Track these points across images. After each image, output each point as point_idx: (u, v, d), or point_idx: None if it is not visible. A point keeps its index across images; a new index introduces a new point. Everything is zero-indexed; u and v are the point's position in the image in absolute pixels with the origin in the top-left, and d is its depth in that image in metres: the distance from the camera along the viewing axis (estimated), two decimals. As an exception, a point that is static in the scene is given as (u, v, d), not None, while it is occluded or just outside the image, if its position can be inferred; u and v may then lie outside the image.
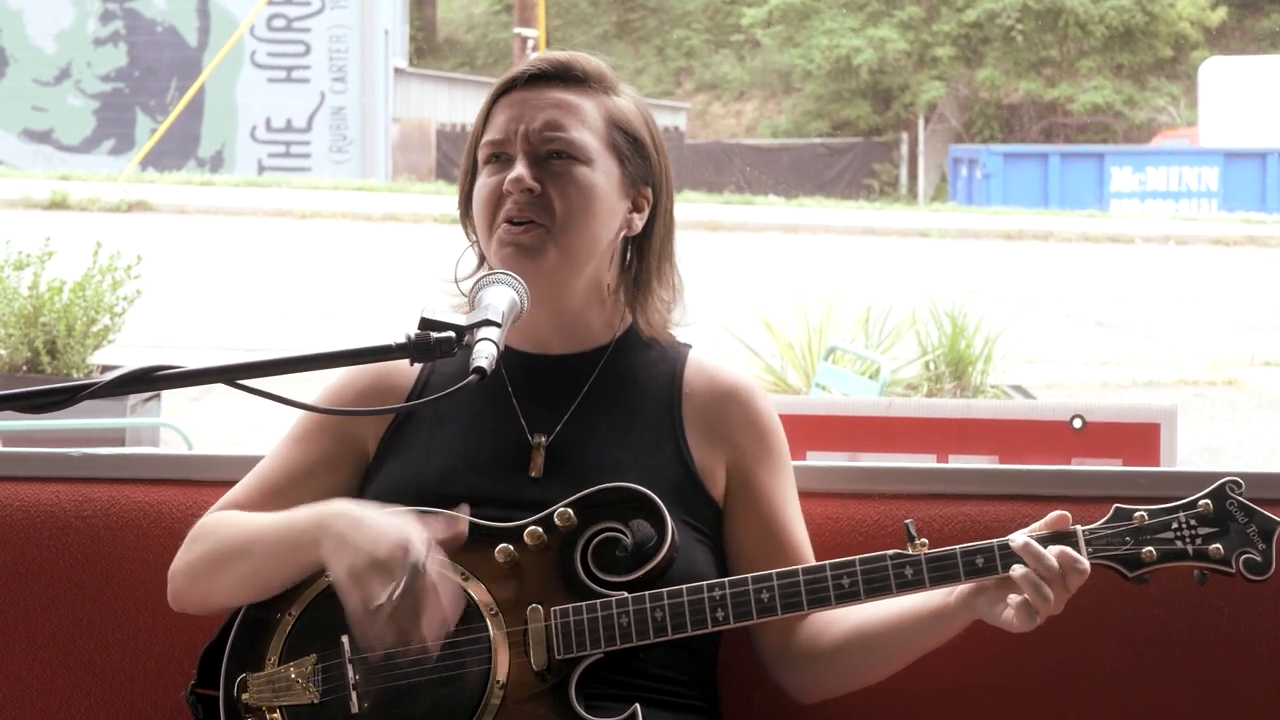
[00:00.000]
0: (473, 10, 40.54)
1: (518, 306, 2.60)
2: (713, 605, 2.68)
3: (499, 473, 2.79)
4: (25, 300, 8.47)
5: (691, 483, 2.83)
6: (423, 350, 2.45)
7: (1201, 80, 32.41)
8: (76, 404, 2.35)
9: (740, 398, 2.90)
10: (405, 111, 33.23)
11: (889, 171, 34.88)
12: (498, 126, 2.85)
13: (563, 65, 2.87)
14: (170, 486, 3.18)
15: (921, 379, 9.49)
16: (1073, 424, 3.70)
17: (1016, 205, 28.09)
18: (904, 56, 36.28)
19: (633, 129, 2.87)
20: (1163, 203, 29.24)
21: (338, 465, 2.89)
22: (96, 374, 8.54)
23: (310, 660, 2.72)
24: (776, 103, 38.02)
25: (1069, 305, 17.70)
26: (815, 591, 2.69)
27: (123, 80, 31.30)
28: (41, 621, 3.13)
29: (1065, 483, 3.11)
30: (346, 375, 2.93)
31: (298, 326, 15.56)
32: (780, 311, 9.84)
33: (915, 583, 2.69)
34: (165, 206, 23.79)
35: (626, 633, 2.66)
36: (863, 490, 3.11)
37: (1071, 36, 35.70)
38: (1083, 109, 35.51)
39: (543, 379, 2.87)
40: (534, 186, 2.79)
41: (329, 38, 31.75)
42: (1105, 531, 2.71)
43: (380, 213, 24.16)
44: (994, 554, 2.69)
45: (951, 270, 19.81)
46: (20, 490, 3.19)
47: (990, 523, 3.03)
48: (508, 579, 2.70)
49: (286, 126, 31.69)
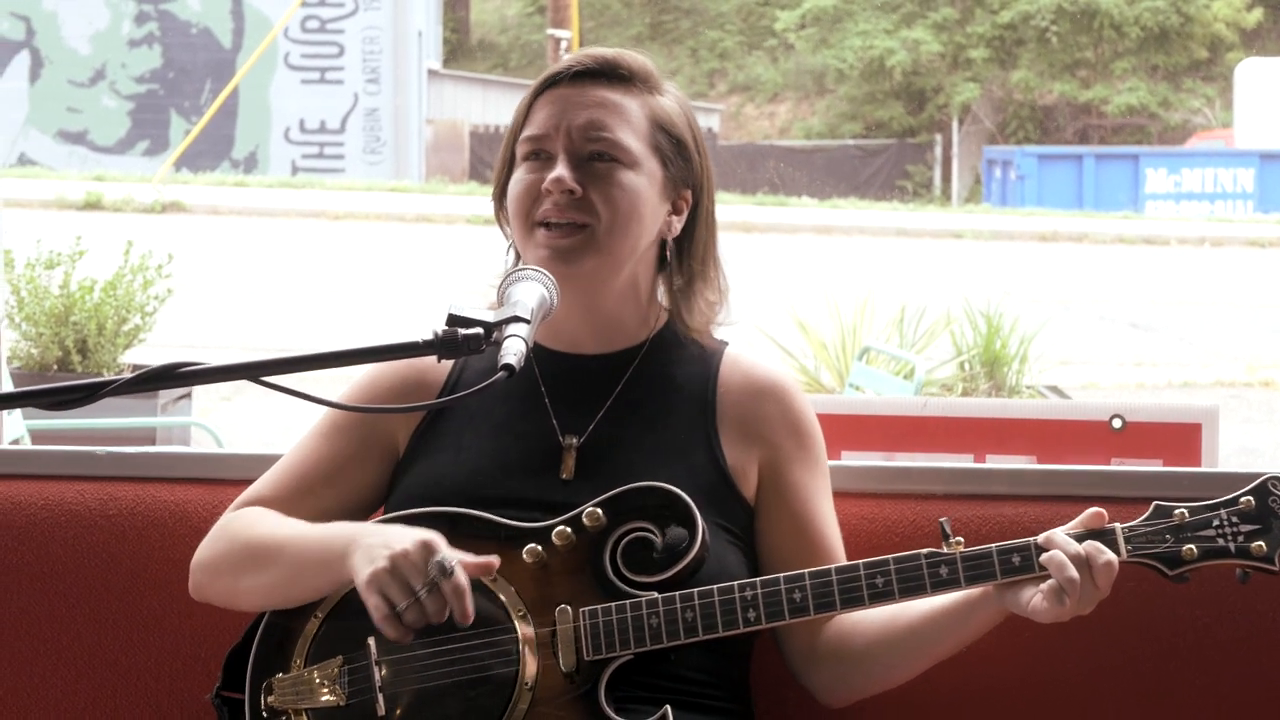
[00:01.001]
0: (506, 12, 40.57)
1: (547, 303, 2.56)
2: (744, 605, 2.63)
3: (529, 474, 2.75)
4: (56, 299, 8.46)
5: (724, 484, 2.78)
6: (450, 347, 2.41)
7: (1237, 81, 32.27)
8: (98, 400, 2.31)
9: (777, 395, 2.85)
10: (439, 113, 33.25)
11: (923, 173, 34.81)
12: (538, 122, 2.79)
13: (608, 63, 2.82)
14: (196, 486, 3.15)
15: (956, 379, 9.42)
16: (1112, 424, 3.65)
17: (1051, 207, 27.99)
18: (938, 58, 36.20)
19: (676, 130, 2.83)
20: (1198, 204, 29.12)
21: (367, 460, 2.84)
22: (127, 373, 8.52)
23: (336, 662, 2.68)
24: (810, 104, 37.98)
25: (1104, 307, 17.61)
26: (849, 591, 2.64)
27: (157, 81, 31.36)
28: (66, 622, 3.10)
29: (1105, 483, 3.06)
30: (377, 370, 2.88)
31: (330, 327, 15.55)
32: (814, 312, 9.78)
33: (950, 582, 2.64)
34: (199, 207, 23.82)
35: (657, 633, 2.62)
36: (898, 490, 3.06)
37: (1106, 38, 35.59)
38: (1117, 110, 35.40)
39: (576, 379, 2.82)
40: (575, 189, 2.74)
41: (362, 39, 31.77)
42: (1145, 529, 2.66)
43: (413, 214, 24.17)
44: (1030, 552, 2.64)
45: (986, 271, 19.74)
46: (45, 489, 3.15)
47: (1028, 523, 2.98)
48: (536, 580, 2.66)
49: (320, 128, 31.73)
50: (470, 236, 22.12)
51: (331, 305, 16.81)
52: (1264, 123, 30.92)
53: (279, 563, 2.71)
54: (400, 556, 2.54)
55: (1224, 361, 14.60)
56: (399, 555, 2.54)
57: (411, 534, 2.57)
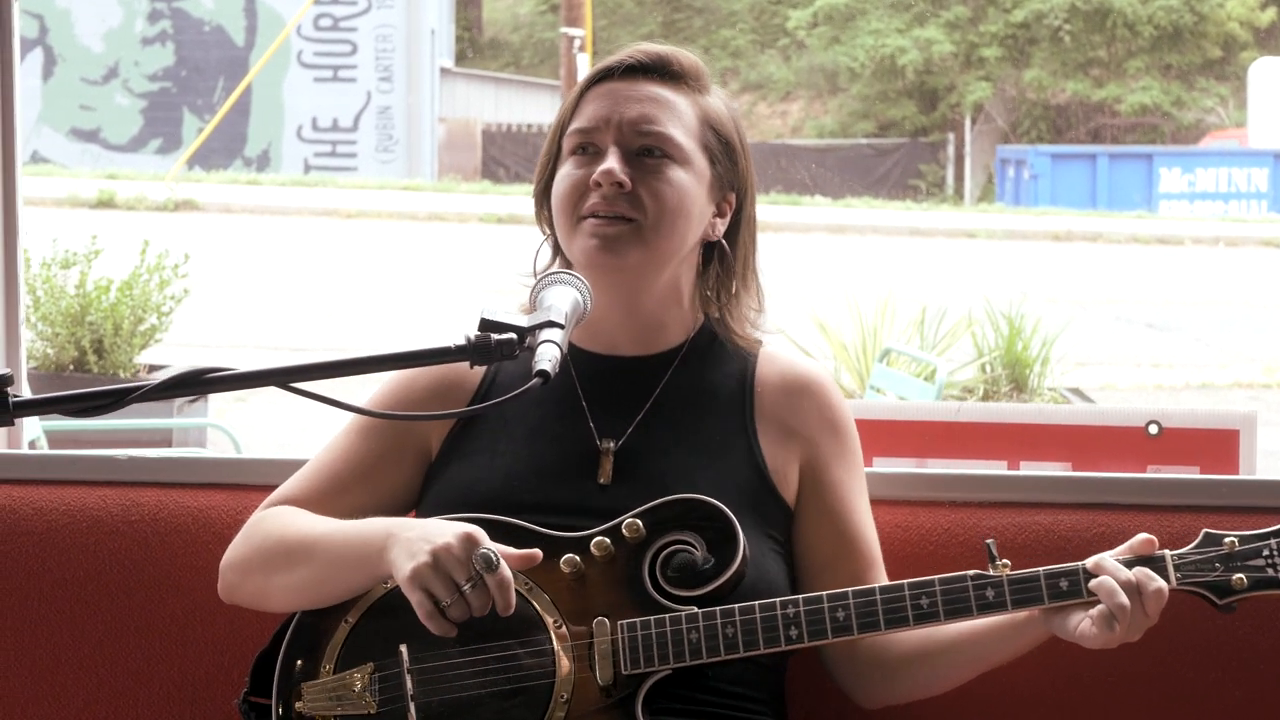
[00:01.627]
0: (518, 10, 40.52)
1: (580, 307, 2.51)
2: (786, 623, 2.59)
3: (566, 479, 2.70)
4: (72, 299, 8.41)
5: (764, 487, 2.74)
6: (483, 353, 2.37)
7: (1251, 81, 32.17)
8: (124, 407, 2.27)
9: (814, 391, 2.82)
10: (451, 111, 33.21)
11: (935, 172, 34.74)
12: (587, 115, 2.76)
13: (661, 59, 2.79)
14: (220, 491, 3.11)
15: (978, 381, 9.33)
16: (1148, 430, 3.59)
17: (1064, 206, 27.92)
18: (950, 57, 36.12)
19: (725, 131, 2.80)
20: (1212, 204, 29.02)
21: (400, 461, 2.80)
22: (144, 374, 8.50)
23: (367, 669, 2.63)
24: (822, 103, 37.91)
25: (1120, 307, 17.55)
26: (893, 611, 2.60)
27: (170, 79, 31.34)
28: (88, 630, 3.06)
29: (1144, 491, 3.01)
30: (411, 372, 2.83)
31: (343, 326, 15.52)
32: (832, 312, 9.70)
33: (996, 605, 2.60)
34: (211, 206, 23.79)
35: (696, 649, 2.57)
36: (932, 498, 3.02)
37: (1119, 37, 35.49)
38: (1130, 109, 35.30)
39: (613, 382, 2.78)
40: (625, 181, 2.70)
41: (375, 37, 31.75)
42: (1194, 557, 2.61)
43: (426, 212, 24.13)
44: (1078, 577, 2.60)
45: (1000, 271, 19.67)
46: (66, 494, 3.12)
47: (1065, 532, 2.94)
48: (573, 590, 2.61)
49: (333, 126, 31.70)
50: (483, 235, 22.11)
51: (344, 304, 16.77)
52: (1278, 122, 30.82)
53: (313, 559, 2.66)
54: (443, 550, 2.49)
55: (1241, 363, 14.53)
56: (441, 549, 2.49)
57: (452, 527, 2.53)
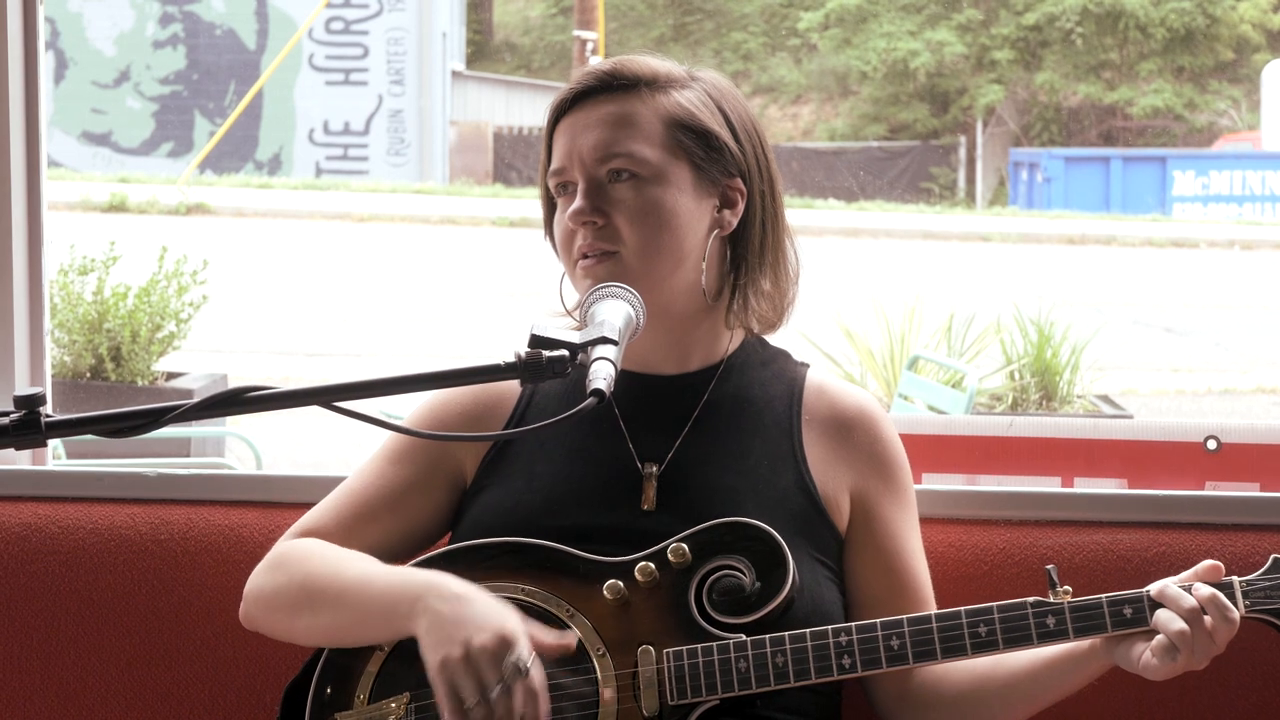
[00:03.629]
0: (529, 13, 40.47)
1: (634, 322, 2.41)
2: (838, 651, 2.49)
3: (608, 503, 2.59)
4: (90, 306, 8.31)
5: (815, 511, 2.63)
6: (534, 370, 2.26)
7: (1265, 83, 32.07)
8: (161, 427, 2.18)
9: (865, 424, 2.70)
10: (462, 114, 33.15)
11: (946, 175, 34.66)
12: (557, 155, 2.65)
13: (606, 75, 2.66)
14: (250, 508, 3.03)
15: (1007, 389, 9.20)
16: (1206, 445, 3.50)
17: (1077, 209, 27.82)
18: (962, 60, 36.04)
19: (698, 123, 2.64)
20: (1226, 207, 28.92)
21: (431, 488, 2.70)
22: (161, 381, 8.40)
23: (403, 700, 2.53)
24: (833, 106, 37.83)
25: (1138, 311, 17.44)
26: (950, 640, 2.49)
27: (181, 83, 31.29)
28: (116, 652, 2.98)
29: (1205, 509, 2.92)
30: (446, 395, 2.73)
31: (358, 331, 15.46)
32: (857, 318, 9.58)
33: (1058, 633, 2.49)
34: (224, 209, 23.72)
35: (745, 679, 2.47)
36: (986, 516, 2.94)
37: (1131, 39, 35.41)
38: (1142, 112, 35.21)
39: (652, 401, 2.66)
40: (595, 219, 2.59)
41: (387, 40, 31.69)
42: (1263, 583, 2.51)
43: (438, 215, 24.07)
44: (1143, 604, 2.50)
45: (1016, 275, 19.58)
46: (93, 512, 3.03)
47: (1125, 552, 2.86)
48: (616, 617, 2.51)
49: (344, 129, 31.64)
50: (495, 239, 22.05)
51: (359, 308, 16.70)
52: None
53: (340, 607, 2.56)
54: (479, 651, 2.37)
55: (1262, 367, 14.42)
56: (477, 650, 2.38)
57: (490, 622, 2.40)
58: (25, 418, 2.16)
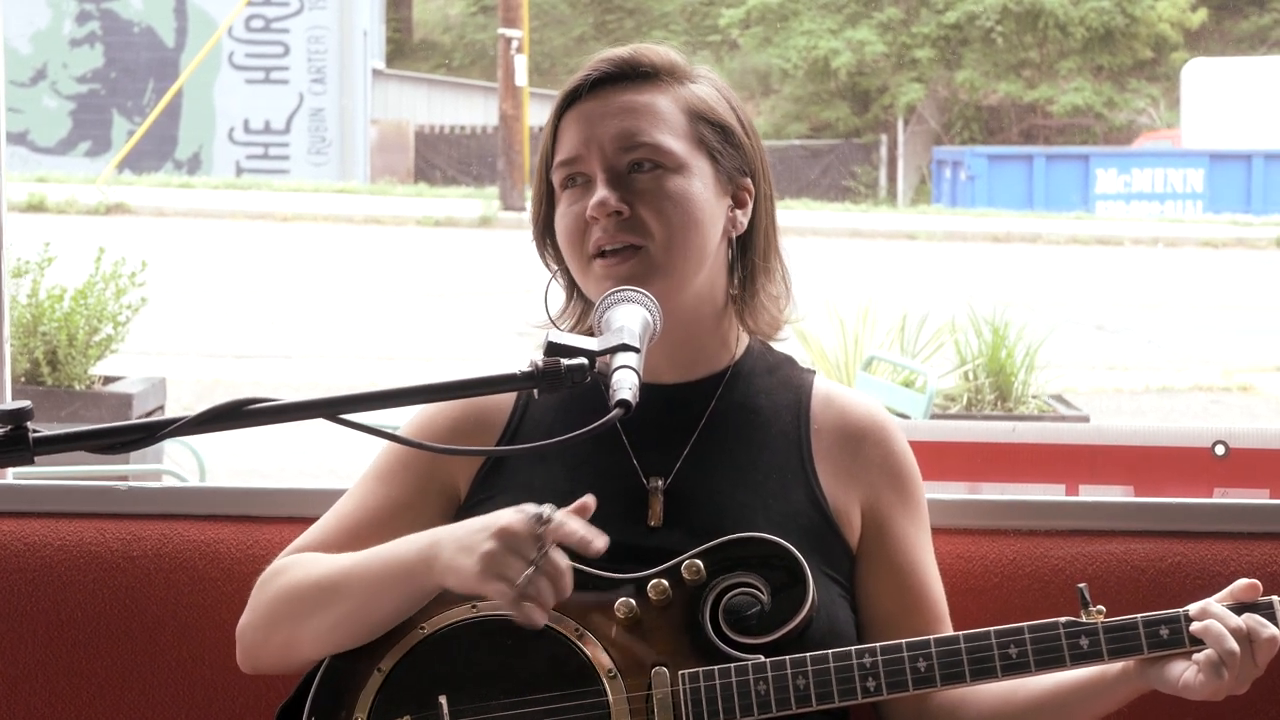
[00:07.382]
0: (449, 11, 40.28)
1: (652, 327, 2.29)
2: (862, 674, 2.38)
3: (613, 520, 2.41)
4: (24, 309, 8.11)
5: (828, 527, 2.52)
6: (552, 379, 2.14)
7: (1185, 82, 32.30)
8: (157, 442, 2.05)
9: (877, 435, 2.59)
10: (383, 113, 32.95)
11: (868, 173, 34.74)
12: (567, 145, 2.53)
13: (626, 62, 2.55)
14: (227, 523, 2.90)
15: (961, 390, 9.12)
16: (1214, 450, 3.41)
17: (1000, 207, 27.92)
18: (883, 58, 36.12)
19: (718, 117, 2.55)
20: (1148, 204, 29.09)
21: (424, 506, 2.57)
22: (99, 385, 8.23)
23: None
24: (755, 104, 37.82)
25: (1067, 309, 17.48)
26: (979, 661, 2.38)
27: (99, 81, 30.96)
28: (87, 675, 2.84)
29: (1218, 517, 2.84)
30: (434, 409, 2.60)
31: (286, 331, 15.30)
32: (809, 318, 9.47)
33: (1092, 655, 2.39)
34: (144, 209, 23.51)
35: (765, 702, 2.36)
36: (993, 525, 2.85)
37: (1051, 38, 35.58)
38: (1063, 110, 35.39)
39: (655, 412, 2.47)
40: (621, 209, 2.47)
41: (308, 39, 31.46)
42: None
43: (362, 215, 23.95)
44: (1180, 624, 2.39)
45: (943, 273, 19.60)
46: (61, 528, 2.90)
47: (1138, 561, 2.78)
48: (628, 637, 2.39)
49: (265, 128, 31.40)
50: (420, 239, 21.93)
51: (285, 309, 16.54)
52: (1212, 123, 30.95)
53: (349, 593, 2.42)
54: (506, 532, 2.27)
55: (1196, 365, 14.45)
56: (503, 531, 2.28)
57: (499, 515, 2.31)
58: (11, 433, 2.03)
